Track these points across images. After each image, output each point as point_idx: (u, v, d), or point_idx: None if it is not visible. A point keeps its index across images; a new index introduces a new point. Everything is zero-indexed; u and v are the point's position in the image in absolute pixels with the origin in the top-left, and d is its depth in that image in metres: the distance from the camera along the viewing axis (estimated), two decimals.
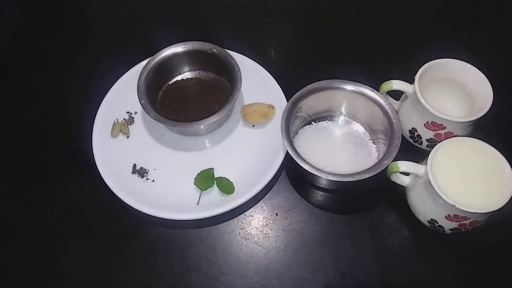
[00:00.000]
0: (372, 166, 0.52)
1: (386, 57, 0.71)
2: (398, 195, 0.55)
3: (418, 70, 0.54)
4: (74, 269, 0.55)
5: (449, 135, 0.53)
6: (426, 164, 0.49)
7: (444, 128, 0.53)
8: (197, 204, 0.57)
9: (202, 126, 0.60)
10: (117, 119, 0.64)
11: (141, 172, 0.60)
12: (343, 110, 0.62)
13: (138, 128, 0.64)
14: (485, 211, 0.45)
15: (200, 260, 0.55)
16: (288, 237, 0.56)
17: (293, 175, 0.60)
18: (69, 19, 0.80)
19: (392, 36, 0.74)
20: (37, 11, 0.81)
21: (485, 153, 0.49)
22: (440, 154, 0.49)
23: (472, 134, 0.54)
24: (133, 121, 0.65)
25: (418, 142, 0.57)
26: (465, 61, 0.55)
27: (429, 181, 0.47)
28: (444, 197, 0.46)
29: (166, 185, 0.59)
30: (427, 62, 0.55)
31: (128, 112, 0.66)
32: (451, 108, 0.57)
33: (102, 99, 0.65)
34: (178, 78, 0.68)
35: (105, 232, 0.58)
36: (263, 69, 0.66)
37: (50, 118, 0.68)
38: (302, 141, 0.60)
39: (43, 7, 0.81)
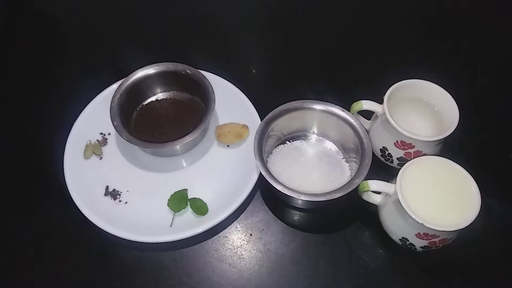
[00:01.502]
0: (344, 185, 0.53)
1: (358, 78, 0.72)
2: (371, 213, 0.56)
3: (387, 90, 0.55)
4: None
5: (418, 154, 0.54)
6: (395, 183, 0.49)
7: (413, 147, 0.54)
8: (170, 226, 0.56)
9: (176, 147, 0.60)
10: (90, 140, 0.64)
11: (113, 194, 0.59)
12: (315, 129, 0.62)
13: (112, 149, 0.64)
14: (453, 229, 0.46)
15: (173, 283, 0.54)
16: (262, 258, 0.55)
17: (268, 195, 0.60)
18: (40, 41, 0.80)
19: (363, 57, 0.76)
20: (5, 32, 0.80)
21: (453, 171, 0.50)
22: (409, 173, 0.50)
23: (440, 153, 0.55)
24: (107, 142, 0.64)
25: (389, 161, 0.58)
26: (432, 82, 0.56)
27: (399, 200, 0.48)
28: (413, 216, 0.47)
29: (139, 207, 0.58)
30: (396, 82, 0.56)
31: (101, 133, 0.65)
32: (420, 127, 0.58)
33: (75, 120, 0.64)
34: (153, 98, 0.68)
35: (76, 256, 0.56)
36: (237, 89, 0.67)
37: (21, 139, 0.66)
38: (276, 161, 0.60)
39: (12, 29, 0.81)
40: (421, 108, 0.58)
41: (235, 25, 0.81)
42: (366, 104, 0.57)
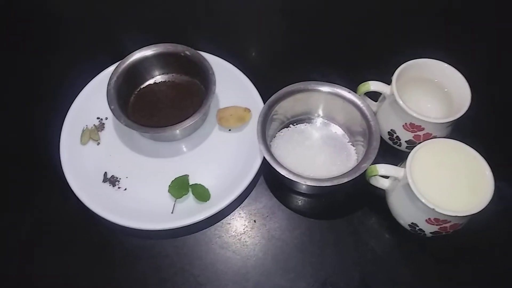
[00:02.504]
0: (351, 169, 0.51)
1: (364, 58, 0.70)
2: (378, 198, 0.54)
3: (395, 70, 0.53)
4: (43, 282, 0.52)
5: (428, 137, 0.52)
6: (405, 167, 0.47)
7: (423, 129, 0.52)
8: (172, 213, 0.55)
9: (176, 131, 0.58)
10: (86, 125, 0.62)
11: (112, 181, 0.58)
12: (320, 112, 0.60)
13: (109, 134, 0.62)
14: (465, 214, 0.44)
15: (175, 271, 0.52)
16: (266, 244, 0.54)
17: (271, 180, 0.58)
18: (35, 23, 0.76)
19: (369, 37, 0.73)
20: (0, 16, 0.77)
21: (464, 154, 0.48)
22: (419, 156, 0.48)
23: (450, 135, 0.53)
24: (104, 127, 0.62)
25: (397, 144, 0.56)
26: (442, 61, 0.54)
27: (408, 184, 0.46)
28: (423, 201, 0.45)
29: (138, 194, 0.57)
30: (405, 62, 0.54)
31: (98, 118, 0.63)
32: (429, 108, 0.56)
33: (71, 105, 0.62)
34: (151, 81, 0.65)
35: (75, 245, 0.55)
36: (239, 71, 0.64)
37: (15, 125, 0.64)
38: (279, 145, 0.58)
39: (5, 12, 0.77)
40: (430, 89, 0.56)
41: (236, 4, 0.78)
42: (374, 85, 0.54)
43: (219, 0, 0.78)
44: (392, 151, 0.57)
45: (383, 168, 0.50)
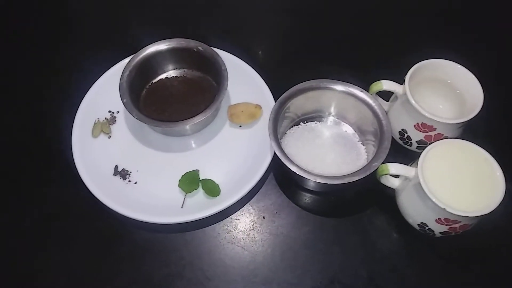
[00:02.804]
0: (362, 168, 0.51)
1: (377, 58, 0.70)
2: (388, 197, 0.54)
3: (408, 70, 0.53)
4: (52, 275, 0.53)
5: (440, 137, 0.52)
6: (417, 167, 0.48)
7: (435, 129, 0.52)
8: (182, 207, 0.55)
9: (187, 126, 0.58)
10: (98, 118, 0.62)
11: (123, 174, 0.58)
12: (332, 110, 0.60)
13: (121, 128, 0.62)
14: (476, 215, 0.44)
15: (184, 265, 0.53)
16: (275, 241, 0.54)
17: (281, 177, 0.59)
18: (48, 15, 0.77)
19: (383, 36, 0.73)
20: (13, 6, 0.78)
21: (476, 155, 0.48)
22: (431, 156, 0.48)
23: (462, 136, 0.53)
24: (115, 120, 0.63)
25: (408, 144, 0.56)
26: (455, 62, 0.54)
27: (420, 183, 0.46)
28: (434, 200, 0.45)
29: (149, 188, 0.57)
30: (418, 62, 0.54)
31: (110, 111, 0.63)
32: (441, 109, 0.56)
33: (83, 98, 0.62)
34: (163, 76, 0.65)
35: (85, 237, 0.55)
36: (251, 68, 0.64)
37: (28, 118, 0.65)
38: (290, 142, 0.58)
39: (19, 4, 0.78)
40: (443, 90, 0.56)
41: (250, 1, 0.78)
42: (386, 85, 0.54)
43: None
44: (402, 151, 0.57)
45: (394, 167, 0.50)
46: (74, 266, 0.53)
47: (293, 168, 0.51)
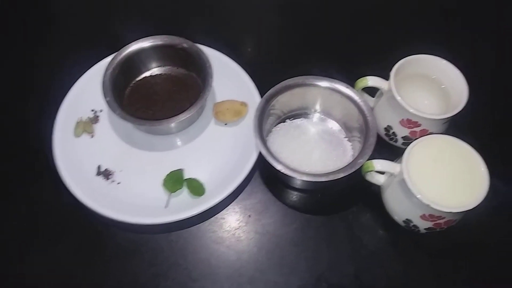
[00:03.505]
0: (347, 165, 0.51)
1: (362, 54, 0.69)
2: (373, 194, 0.54)
3: (393, 66, 0.53)
4: (34, 278, 0.52)
5: (425, 133, 0.52)
6: (401, 163, 0.47)
7: (420, 125, 0.52)
8: (166, 207, 0.54)
9: (171, 125, 0.57)
10: (80, 117, 0.61)
11: (106, 174, 0.57)
12: (317, 107, 0.60)
13: (104, 127, 0.61)
14: (460, 211, 0.44)
15: (169, 266, 0.52)
16: (261, 239, 0.54)
17: (267, 175, 0.58)
18: (28, 13, 0.75)
19: (369, 32, 0.73)
20: None
21: (460, 151, 0.48)
22: (415, 152, 0.48)
23: (447, 131, 0.53)
24: (98, 119, 0.61)
25: (394, 140, 0.56)
26: (440, 57, 0.53)
27: (404, 180, 0.46)
28: (419, 197, 0.45)
29: (132, 188, 0.56)
30: (403, 58, 0.53)
31: (92, 110, 0.62)
32: (427, 104, 0.55)
33: (65, 97, 0.61)
34: (147, 74, 0.64)
35: (67, 239, 0.54)
36: (236, 64, 0.63)
37: (9, 118, 0.63)
38: (276, 140, 0.58)
39: None
40: (428, 85, 0.55)
41: None
42: (372, 81, 0.54)
43: None
44: (388, 147, 0.57)
45: (379, 164, 0.49)
46: (58, 269, 0.52)
47: (278, 166, 0.50)
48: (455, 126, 0.53)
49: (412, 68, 0.54)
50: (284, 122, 0.60)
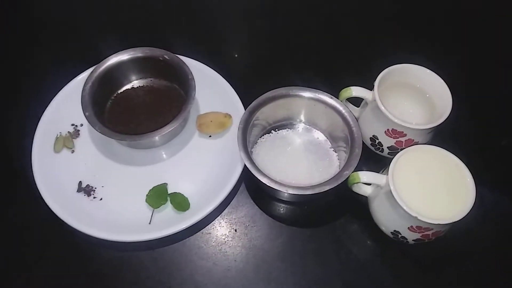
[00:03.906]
0: (333, 177, 0.50)
1: (346, 63, 0.69)
2: (361, 205, 0.53)
3: (376, 76, 0.52)
4: None
5: (410, 142, 0.52)
6: (387, 174, 0.47)
7: (405, 135, 0.51)
8: (149, 223, 0.53)
9: (153, 139, 0.56)
10: (60, 132, 0.59)
11: (87, 190, 0.55)
12: (302, 117, 0.59)
13: (84, 142, 0.59)
14: (447, 222, 0.44)
15: (153, 283, 0.51)
16: (248, 254, 0.53)
17: (253, 187, 0.57)
18: (5, 25, 0.73)
19: (351, 41, 0.73)
20: None
21: (446, 161, 0.48)
22: (401, 163, 0.48)
23: (432, 140, 0.53)
24: (79, 134, 0.60)
25: (380, 150, 0.55)
26: (424, 66, 0.53)
27: (391, 191, 0.46)
28: (406, 209, 0.44)
29: (115, 204, 0.55)
30: (387, 67, 0.53)
31: (73, 125, 0.60)
32: (412, 114, 0.55)
33: (44, 111, 0.60)
34: (128, 86, 0.63)
35: (48, 258, 0.52)
36: (220, 76, 0.63)
37: None
38: (261, 151, 0.57)
39: None
40: (412, 94, 0.55)
41: (216, 7, 0.76)
42: (356, 91, 0.54)
43: (198, 2, 0.76)
44: (375, 157, 0.56)
45: (365, 176, 0.49)
46: None
47: (264, 180, 0.49)
48: (440, 135, 0.53)
49: (397, 77, 0.54)
50: (269, 133, 0.59)
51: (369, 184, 0.52)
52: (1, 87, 0.66)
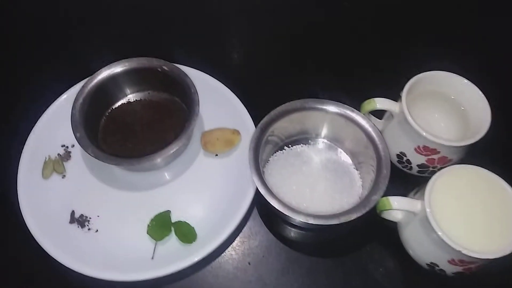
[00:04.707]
0: (359, 203, 0.44)
1: (366, 71, 0.62)
2: (389, 230, 0.48)
3: (403, 84, 0.46)
4: None
5: (444, 160, 0.46)
6: (421, 198, 0.41)
7: (438, 152, 0.46)
8: (152, 258, 0.47)
9: (153, 162, 0.50)
10: (49, 155, 0.53)
11: (81, 221, 0.49)
12: (320, 132, 0.54)
13: (77, 165, 0.53)
14: (497, 256, 0.38)
15: None
16: None
17: (266, 212, 0.51)
18: None
19: (372, 46, 0.66)
20: None
21: (490, 184, 0.42)
22: (439, 187, 0.42)
23: (467, 157, 0.47)
24: (70, 156, 0.54)
25: (408, 168, 0.50)
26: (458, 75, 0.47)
27: (427, 219, 0.40)
28: (448, 241, 0.38)
29: (112, 236, 0.49)
30: (414, 75, 0.47)
31: (63, 146, 0.55)
32: (443, 128, 0.49)
33: (30, 132, 0.54)
34: (124, 101, 0.57)
35: None
36: (225, 87, 0.56)
37: None
38: (273, 171, 0.51)
39: None
40: (443, 106, 0.49)
41: (221, 11, 0.69)
42: (381, 103, 0.48)
43: (201, 6, 0.70)
44: (401, 175, 0.50)
45: (396, 202, 0.43)
46: None
47: (283, 210, 0.43)
48: (479, 152, 0.47)
49: (427, 86, 0.48)
50: (282, 150, 0.53)
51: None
52: None
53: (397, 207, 0.43)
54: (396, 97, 0.48)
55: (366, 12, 0.70)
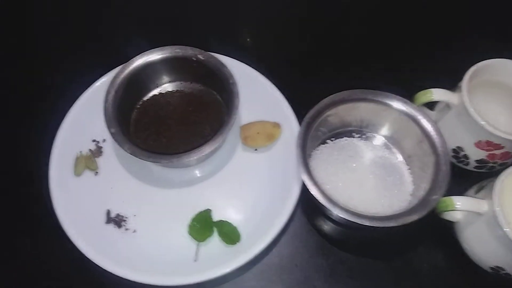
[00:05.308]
0: (418, 203, 0.42)
1: (417, 59, 0.58)
2: (444, 228, 0.45)
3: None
4: None
5: (507, 156, 0.43)
6: (487, 198, 0.38)
7: (502, 148, 0.42)
8: (195, 260, 0.44)
9: (192, 158, 0.47)
10: (80, 151, 0.50)
11: (117, 221, 0.47)
12: (367, 125, 0.50)
13: (109, 160, 0.51)
14: None
15: None
16: None
17: (311, 209, 0.48)
18: (13, 23, 0.63)
19: (424, 33, 0.61)
20: None
21: None
22: (508, 187, 0.39)
23: None
24: (102, 152, 0.51)
25: (464, 163, 0.47)
26: None
27: (496, 221, 0.37)
28: None
29: (151, 237, 0.46)
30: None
31: (94, 141, 0.52)
32: (502, 121, 0.46)
33: (59, 127, 0.51)
34: (156, 92, 0.54)
35: None
36: (265, 78, 0.53)
37: None
38: (318, 166, 0.48)
39: None
40: (504, 97, 0.46)
41: None
42: (437, 94, 0.45)
43: None
44: (455, 171, 0.47)
45: (460, 202, 0.40)
46: None
47: (342, 214, 0.41)
48: None
49: (487, 75, 0.45)
50: (325, 143, 0.50)
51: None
52: (6, 100, 0.57)
53: (461, 208, 0.40)
54: (446, 86, 0.44)
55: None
